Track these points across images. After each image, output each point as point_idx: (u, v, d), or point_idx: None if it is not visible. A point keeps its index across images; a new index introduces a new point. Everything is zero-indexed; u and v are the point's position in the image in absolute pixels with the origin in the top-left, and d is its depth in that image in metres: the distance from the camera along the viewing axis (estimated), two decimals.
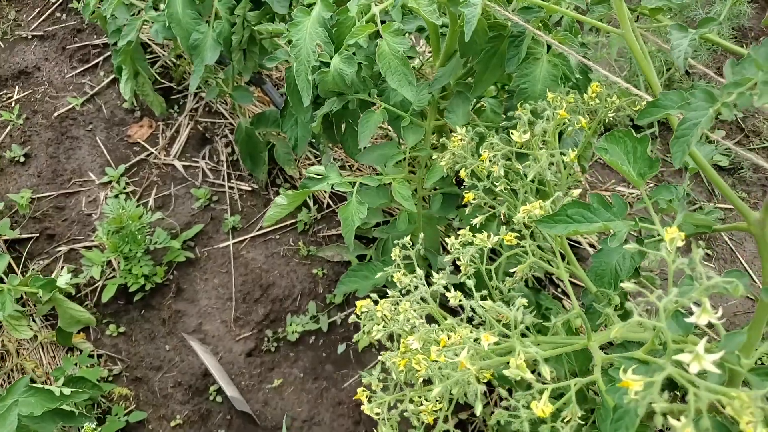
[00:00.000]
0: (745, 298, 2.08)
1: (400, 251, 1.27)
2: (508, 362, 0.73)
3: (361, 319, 1.09)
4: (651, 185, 2.11)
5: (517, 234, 0.98)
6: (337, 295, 2.09)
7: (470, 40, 1.21)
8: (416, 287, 1.04)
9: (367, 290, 1.67)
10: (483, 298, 0.92)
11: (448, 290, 0.93)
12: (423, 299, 0.93)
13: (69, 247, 2.20)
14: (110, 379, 1.96)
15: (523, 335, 0.99)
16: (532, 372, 0.79)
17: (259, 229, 2.25)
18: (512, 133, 1.00)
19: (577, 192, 0.91)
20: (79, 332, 2.05)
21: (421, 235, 1.27)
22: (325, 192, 2.37)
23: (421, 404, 0.95)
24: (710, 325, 1.45)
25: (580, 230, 0.85)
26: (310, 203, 2.31)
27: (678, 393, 1.00)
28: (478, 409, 0.70)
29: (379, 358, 1.11)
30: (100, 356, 2.01)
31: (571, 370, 1.22)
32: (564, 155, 0.99)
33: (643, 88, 2.13)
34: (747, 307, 2.04)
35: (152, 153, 2.47)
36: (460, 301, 0.88)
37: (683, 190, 1.13)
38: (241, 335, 2.02)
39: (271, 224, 1.50)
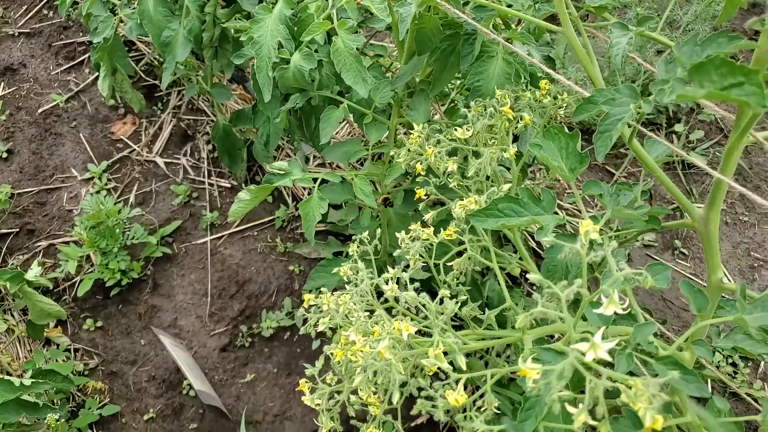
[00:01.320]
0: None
1: (358, 246, 1.29)
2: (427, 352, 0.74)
3: (309, 312, 1.11)
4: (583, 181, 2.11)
5: (457, 229, 0.99)
6: (312, 291, 2.11)
7: (425, 38, 1.23)
8: (362, 280, 1.05)
9: (333, 286, 1.69)
10: (421, 290, 0.94)
11: (387, 284, 0.94)
12: (366, 292, 0.94)
13: (48, 242, 2.22)
14: (86, 373, 1.98)
15: (462, 328, 1.01)
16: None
17: (236, 226, 2.27)
18: (456, 130, 1.02)
19: (506, 187, 0.92)
20: (57, 326, 2.07)
21: (378, 231, 1.29)
22: (304, 188, 2.38)
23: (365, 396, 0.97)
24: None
25: (509, 224, 0.86)
26: (289, 200, 2.33)
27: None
28: (395, 398, 0.71)
29: (325, 349, 1.13)
30: (77, 350, 2.03)
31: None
32: (505, 152, 1.00)
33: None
34: None
35: (135, 150, 2.49)
36: (395, 293, 0.89)
37: (639, 188, 1.14)
38: (215, 330, 2.04)
39: (236, 219, 1.52)
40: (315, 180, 1.42)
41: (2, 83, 2.67)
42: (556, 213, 0.90)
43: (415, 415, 1.93)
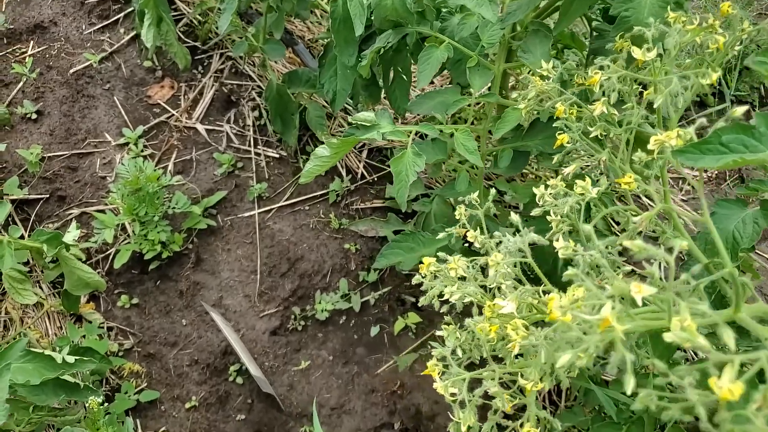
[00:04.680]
0: None
1: (465, 210, 1.08)
2: (662, 327, 0.53)
3: (425, 279, 0.90)
4: None
5: (636, 177, 0.78)
6: (372, 272, 1.90)
7: None
8: (499, 242, 0.84)
9: (412, 263, 1.47)
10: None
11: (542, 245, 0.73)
12: (520, 250, 0.73)
13: (81, 210, 2.03)
14: (121, 354, 1.78)
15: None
16: None
17: (286, 199, 2.06)
18: (633, 51, 0.80)
19: (741, 110, 0.70)
20: (88, 302, 1.88)
21: (493, 191, 1.08)
22: (359, 161, 2.17)
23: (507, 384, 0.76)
24: None
25: (746, 159, 0.64)
26: (343, 173, 2.12)
27: None
28: (630, 385, 0.50)
29: (443, 331, 0.92)
30: (110, 329, 1.84)
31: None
32: (702, 77, 0.78)
33: None
34: None
35: (173, 115, 2.29)
36: (574, 251, 0.68)
37: None
38: (265, 311, 1.84)
39: (308, 181, 1.31)
40: (408, 133, 1.20)
41: (32, 41, 2.48)
42: None
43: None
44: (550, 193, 0.91)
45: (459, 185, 1.28)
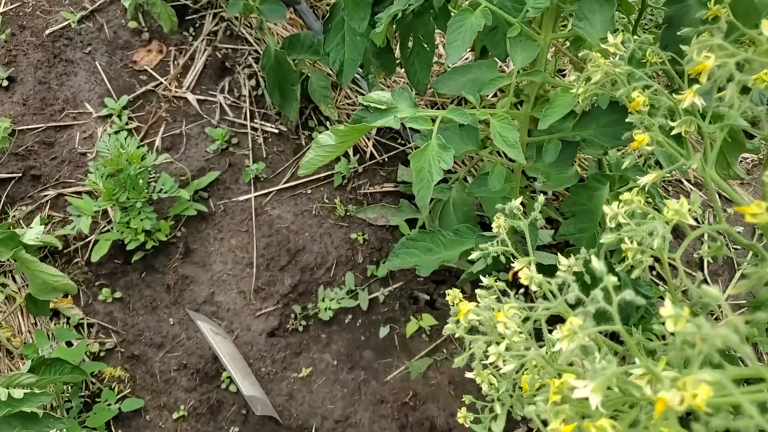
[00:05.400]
0: None
1: (504, 221, 0.87)
2: None
3: (462, 330, 0.69)
4: None
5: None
6: (381, 266, 1.70)
7: None
8: (563, 286, 0.62)
9: (431, 267, 1.27)
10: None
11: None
12: (604, 314, 0.52)
13: (57, 191, 1.82)
14: (102, 354, 1.60)
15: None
16: None
17: (286, 181, 1.84)
18: (764, 25, 0.56)
19: None
20: (66, 295, 1.68)
21: (542, 198, 0.86)
22: (368, 139, 1.94)
23: None
24: None
25: None
26: (350, 152, 1.89)
27: None
28: None
29: (478, 377, 0.73)
30: (90, 326, 1.65)
31: None
32: None
33: None
34: None
35: (161, 83, 2.05)
36: (692, 322, 0.46)
37: None
38: (262, 310, 1.64)
39: (308, 172, 1.09)
40: (433, 120, 0.98)
41: None
42: None
43: None
44: (626, 211, 0.70)
45: (493, 182, 1.05)
